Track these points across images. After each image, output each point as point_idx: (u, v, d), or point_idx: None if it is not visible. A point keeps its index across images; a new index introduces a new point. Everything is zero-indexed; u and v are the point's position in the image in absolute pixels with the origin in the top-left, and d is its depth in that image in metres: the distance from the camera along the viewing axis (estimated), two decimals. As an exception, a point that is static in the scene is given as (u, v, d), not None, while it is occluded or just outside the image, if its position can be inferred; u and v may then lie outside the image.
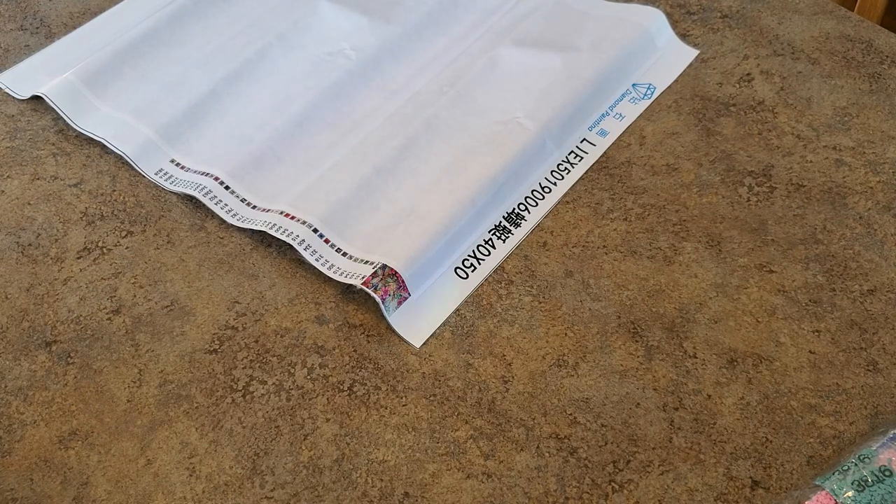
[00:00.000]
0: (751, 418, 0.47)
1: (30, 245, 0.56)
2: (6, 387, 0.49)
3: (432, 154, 0.58)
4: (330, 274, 0.52)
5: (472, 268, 0.54)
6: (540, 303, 0.52)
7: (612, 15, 0.67)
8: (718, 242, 0.54)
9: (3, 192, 0.59)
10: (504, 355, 0.50)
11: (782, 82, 0.63)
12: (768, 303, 0.51)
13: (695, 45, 0.66)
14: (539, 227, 0.56)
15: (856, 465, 0.42)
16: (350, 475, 0.45)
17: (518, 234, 0.55)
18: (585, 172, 0.58)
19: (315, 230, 0.54)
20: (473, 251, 0.54)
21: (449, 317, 0.51)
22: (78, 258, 0.55)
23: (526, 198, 0.57)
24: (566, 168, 0.59)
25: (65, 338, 0.51)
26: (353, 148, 0.59)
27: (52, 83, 0.63)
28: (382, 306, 0.50)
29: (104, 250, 0.56)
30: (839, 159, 0.58)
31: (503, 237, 0.55)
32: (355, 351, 0.50)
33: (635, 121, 0.61)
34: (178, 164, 0.59)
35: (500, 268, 0.54)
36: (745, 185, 0.57)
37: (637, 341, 0.50)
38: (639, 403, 0.47)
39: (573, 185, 0.58)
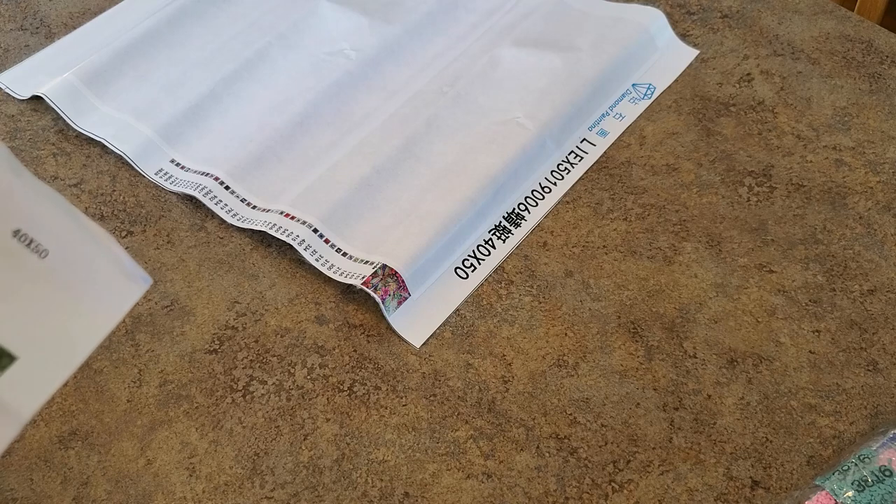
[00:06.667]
0: (751, 418, 0.47)
1: (30, 245, 0.56)
2: (6, 387, 0.49)
3: (432, 154, 0.58)
4: (330, 274, 0.52)
5: (472, 268, 0.54)
6: (540, 303, 0.52)
7: (612, 15, 0.67)
8: (718, 242, 0.54)
9: (3, 192, 0.59)
10: (504, 355, 0.50)
11: (782, 82, 0.63)
12: (768, 303, 0.51)
13: (695, 45, 0.66)
14: (539, 227, 0.56)
15: (856, 465, 0.42)
16: (350, 475, 0.45)
17: (518, 234, 0.55)
18: (585, 172, 0.58)
19: (315, 230, 0.54)
20: (473, 251, 0.54)
21: (449, 317, 0.51)
22: (78, 258, 0.55)
23: (526, 198, 0.57)
24: (566, 168, 0.59)
25: (65, 338, 0.51)
26: (354, 148, 0.59)
27: (52, 83, 0.63)
28: (382, 306, 0.50)
29: (104, 250, 0.56)
30: (839, 159, 0.58)
31: (503, 237, 0.55)
32: (355, 351, 0.50)
33: (635, 121, 0.61)
34: (178, 164, 0.59)
35: (500, 268, 0.54)
36: (745, 185, 0.57)
37: (637, 341, 0.50)
38: (639, 403, 0.47)
39: (573, 185, 0.58)
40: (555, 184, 0.58)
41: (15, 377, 0.24)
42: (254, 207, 0.56)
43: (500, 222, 0.56)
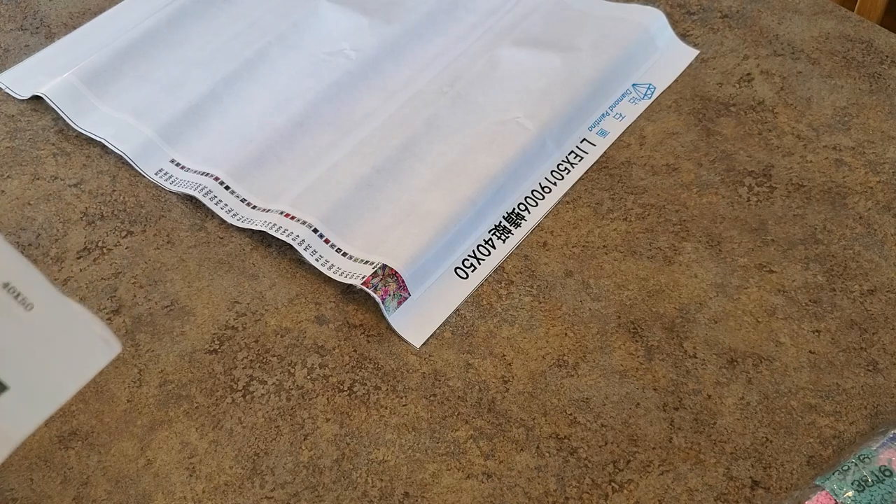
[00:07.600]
0: (751, 418, 0.47)
1: (30, 245, 0.56)
2: (6, 387, 0.49)
3: (432, 154, 0.58)
4: (330, 274, 0.52)
5: (472, 268, 0.54)
6: (540, 303, 0.52)
7: (612, 15, 0.67)
8: (718, 242, 0.54)
9: (3, 192, 0.59)
10: (504, 355, 0.50)
11: (782, 82, 0.63)
12: (768, 303, 0.51)
13: (695, 45, 0.66)
14: (539, 227, 0.56)
15: (856, 465, 0.42)
16: (350, 475, 0.45)
17: (518, 234, 0.55)
18: (585, 172, 0.58)
19: (315, 230, 0.54)
20: (473, 251, 0.54)
21: (449, 317, 0.51)
22: (78, 258, 0.55)
23: (526, 198, 0.57)
24: (566, 168, 0.59)
25: (65, 338, 0.51)
26: (354, 148, 0.59)
27: (52, 83, 0.63)
28: (382, 306, 0.50)
29: (104, 250, 0.56)
30: (839, 159, 0.58)
31: (503, 237, 0.55)
32: (355, 351, 0.50)
33: (635, 121, 0.61)
34: (178, 164, 0.59)
35: (500, 268, 0.54)
36: (745, 185, 0.57)
37: (637, 341, 0.50)
38: (639, 403, 0.47)
39: (573, 185, 0.58)
40: (555, 184, 0.58)
41: (6, 404, 0.27)
42: (254, 207, 0.56)
43: (500, 222, 0.56)
